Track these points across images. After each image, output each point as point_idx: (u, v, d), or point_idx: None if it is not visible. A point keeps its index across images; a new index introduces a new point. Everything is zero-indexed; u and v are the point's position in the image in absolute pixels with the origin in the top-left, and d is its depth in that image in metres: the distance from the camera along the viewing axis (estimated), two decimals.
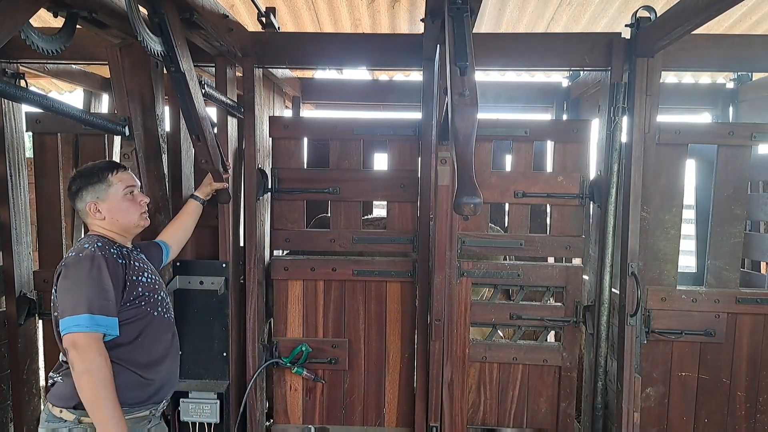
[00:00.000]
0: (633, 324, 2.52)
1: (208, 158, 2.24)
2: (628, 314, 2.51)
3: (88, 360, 1.64)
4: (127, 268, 1.82)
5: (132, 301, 1.82)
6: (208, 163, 2.25)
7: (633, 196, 2.49)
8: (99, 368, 1.65)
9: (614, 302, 2.61)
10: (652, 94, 2.47)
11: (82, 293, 1.68)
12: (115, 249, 1.83)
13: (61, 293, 1.73)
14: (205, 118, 2.17)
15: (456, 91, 1.44)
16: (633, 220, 2.50)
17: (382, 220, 2.95)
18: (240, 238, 2.75)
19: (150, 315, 1.88)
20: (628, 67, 2.51)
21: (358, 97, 3.74)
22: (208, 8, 2.03)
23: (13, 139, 2.67)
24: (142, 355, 1.84)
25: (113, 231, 1.91)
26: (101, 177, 1.89)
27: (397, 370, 2.86)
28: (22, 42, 1.54)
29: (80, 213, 1.92)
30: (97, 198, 1.88)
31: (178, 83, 1.97)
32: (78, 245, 1.84)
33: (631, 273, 2.49)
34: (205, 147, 2.18)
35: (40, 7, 1.59)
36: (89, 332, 1.65)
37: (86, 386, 1.65)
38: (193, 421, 2.58)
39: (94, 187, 1.88)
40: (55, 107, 1.67)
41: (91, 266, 1.72)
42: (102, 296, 1.70)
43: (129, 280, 1.81)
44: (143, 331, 1.84)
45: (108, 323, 1.70)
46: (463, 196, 1.39)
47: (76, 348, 1.64)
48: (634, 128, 2.48)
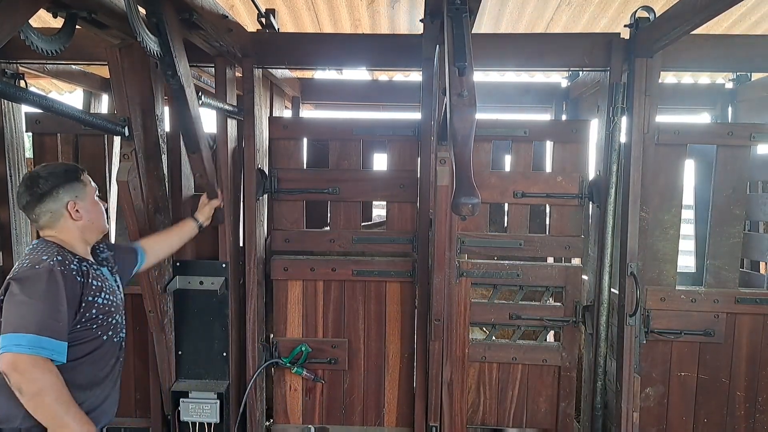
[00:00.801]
0: (632, 324, 2.53)
1: (202, 172, 2.15)
2: (627, 314, 2.51)
3: (36, 380, 1.48)
4: (84, 288, 1.65)
5: (83, 323, 1.66)
6: (202, 177, 2.18)
7: (632, 196, 2.50)
8: (52, 386, 1.51)
9: (613, 302, 2.62)
10: (651, 94, 2.47)
11: (33, 310, 1.51)
12: (75, 264, 1.66)
13: (8, 306, 1.54)
14: (201, 128, 2.10)
15: (455, 92, 1.44)
16: (632, 220, 2.50)
17: (383, 224, 2.95)
18: (240, 238, 2.76)
19: (99, 339, 1.72)
20: (627, 68, 2.51)
21: (358, 97, 3.74)
22: (207, 9, 2.04)
23: (13, 139, 2.68)
24: (80, 377, 1.66)
25: (81, 237, 1.75)
26: (77, 175, 1.75)
27: (396, 370, 2.86)
28: (22, 42, 1.54)
29: (50, 215, 1.70)
30: (76, 197, 1.72)
31: (175, 87, 1.94)
32: (33, 255, 1.63)
33: (630, 273, 2.49)
34: (200, 159, 2.11)
35: (40, 8, 1.60)
36: (31, 354, 1.47)
37: (41, 408, 1.51)
38: (193, 421, 2.58)
39: (72, 186, 1.72)
40: (55, 107, 1.67)
41: (48, 281, 1.55)
42: (53, 317, 1.53)
43: (85, 300, 1.65)
44: (88, 355, 1.69)
45: (55, 347, 1.52)
46: (461, 196, 1.39)
47: (18, 370, 1.47)
48: (633, 128, 2.48)
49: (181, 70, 1.94)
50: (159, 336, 2.55)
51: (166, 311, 2.56)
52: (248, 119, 2.62)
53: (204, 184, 2.26)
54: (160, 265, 2.46)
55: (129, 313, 2.76)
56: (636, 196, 2.50)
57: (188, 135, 2.05)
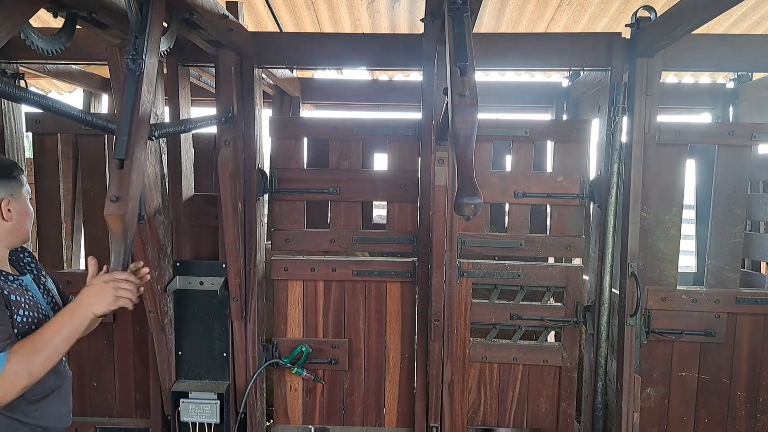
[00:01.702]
0: (633, 324, 2.52)
1: (122, 194, 1.49)
2: (627, 314, 2.51)
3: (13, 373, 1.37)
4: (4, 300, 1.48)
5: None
6: (119, 200, 1.48)
7: (633, 196, 2.49)
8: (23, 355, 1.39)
9: (614, 302, 2.61)
10: (652, 94, 2.46)
11: None
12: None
13: None
14: (145, 130, 1.64)
15: (456, 92, 1.43)
16: (633, 220, 2.50)
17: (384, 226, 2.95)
18: (240, 238, 2.75)
19: None
20: (627, 67, 2.51)
21: (358, 97, 3.74)
22: (207, 8, 2.03)
23: (12, 139, 2.67)
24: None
25: (3, 241, 1.57)
26: (15, 173, 1.59)
27: (397, 370, 2.86)
28: (22, 42, 1.54)
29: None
30: (11, 195, 1.55)
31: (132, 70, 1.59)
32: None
33: (630, 273, 2.49)
34: (128, 175, 1.52)
35: (40, 8, 1.59)
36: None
37: (49, 355, 1.41)
38: (193, 421, 2.58)
39: (9, 183, 1.55)
40: (55, 107, 1.66)
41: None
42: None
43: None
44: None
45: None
46: (464, 196, 1.38)
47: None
48: (634, 128, 2.48)
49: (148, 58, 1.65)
50: (159, 336, 2.54)
51: (166, 311, 2.56)
52: (248, 119, 2.62)
53: (120, 216, 1.49)
54: (160, 265, 2.46)
55: (129, 313, 2.76)
56: (637, 196, 2.50)
57: (121, 132, 1.56)
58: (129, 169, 1.53)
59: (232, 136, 2.49)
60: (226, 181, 2.42)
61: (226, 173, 2.41)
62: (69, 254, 2.90)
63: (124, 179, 1.52)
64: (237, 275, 2.61)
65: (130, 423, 2.86)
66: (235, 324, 2.67)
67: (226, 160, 2.42)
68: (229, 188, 2.44)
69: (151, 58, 1.66)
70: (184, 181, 2.62)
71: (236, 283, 2.62)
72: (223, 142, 2.48)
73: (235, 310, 2.65)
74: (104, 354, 2.83)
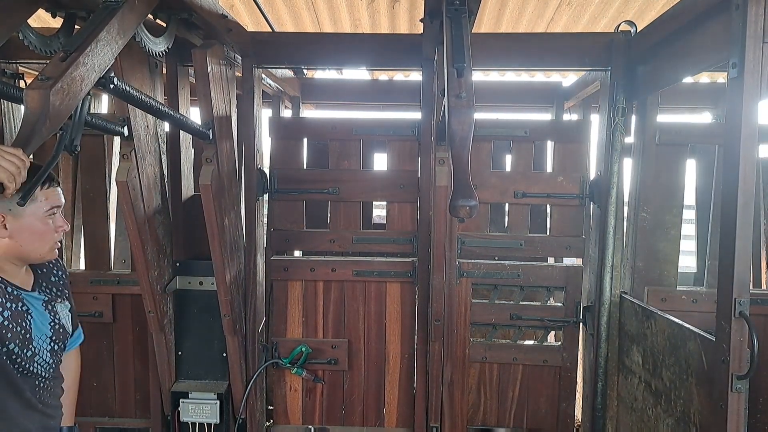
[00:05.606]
0: (742, 390, 1.94)
1: (54, 76, 1.30)
2: (733, 375, 1.83)
3: None
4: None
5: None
6: (48, 80, 1.29)
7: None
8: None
9: (693, 352, 2.23)
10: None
11: None
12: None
13: None
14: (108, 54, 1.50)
15: (453, 93, 1.43)
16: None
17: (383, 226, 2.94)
18: (240, 238, 2.75)
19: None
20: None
21: (358, 97, 3.73)
22: (207, 8, 2.03)
23: (12, 139, 2.67)
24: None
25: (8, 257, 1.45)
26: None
27: (397, 370, 2.86)
28: (22, 42, 1.54)
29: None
30: (9, 211, 1.39)
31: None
32: None
33: (739, 313, 1.83)
34: (68, 66, 1.35)
35: (39, 8, 1.60)
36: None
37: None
38: (192, 421, 2.58)
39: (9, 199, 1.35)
40: None
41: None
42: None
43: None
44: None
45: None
46: (459, 198, 1.38)
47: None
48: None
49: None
50: (159, 336, 2.54)
51: (166, 312, 2.56)
52: (248, 119, 2.62)
53: (32, 99, 1.28)
54: (159, 265, 2.46)
55: (129, 314, 2.77)
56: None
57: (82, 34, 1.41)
58: (71, 63, 1.36)
59: (213, 152, 2.22)
60: (209, 203, 2.21)
61: (209, 195, 2.18)
62: (69, 254, 2.91)
63: (61, 68, 1.33)
64: (227, 293, 2.46)
65: (130, 423, 2.86)
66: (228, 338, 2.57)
67: (207, 180, 2.18)
68: (213, 210, 2.22)
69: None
70: (184, 181, 2.63)
71: (227, 301, 2.47)
72: (204, 159, 2.22)
73: (227, 326, 2.52)
74: (104, 354, 2.83)
